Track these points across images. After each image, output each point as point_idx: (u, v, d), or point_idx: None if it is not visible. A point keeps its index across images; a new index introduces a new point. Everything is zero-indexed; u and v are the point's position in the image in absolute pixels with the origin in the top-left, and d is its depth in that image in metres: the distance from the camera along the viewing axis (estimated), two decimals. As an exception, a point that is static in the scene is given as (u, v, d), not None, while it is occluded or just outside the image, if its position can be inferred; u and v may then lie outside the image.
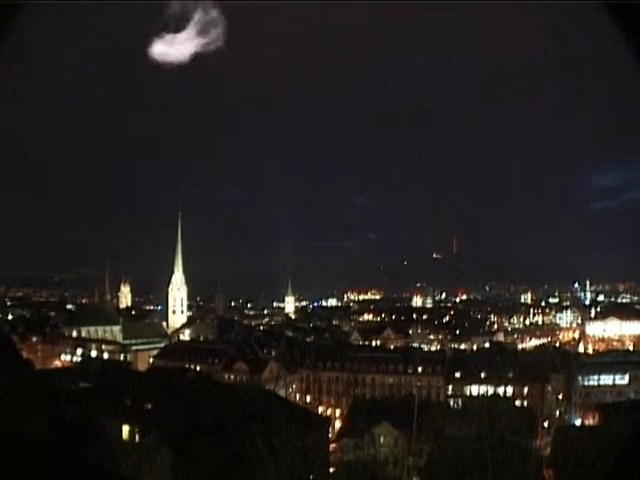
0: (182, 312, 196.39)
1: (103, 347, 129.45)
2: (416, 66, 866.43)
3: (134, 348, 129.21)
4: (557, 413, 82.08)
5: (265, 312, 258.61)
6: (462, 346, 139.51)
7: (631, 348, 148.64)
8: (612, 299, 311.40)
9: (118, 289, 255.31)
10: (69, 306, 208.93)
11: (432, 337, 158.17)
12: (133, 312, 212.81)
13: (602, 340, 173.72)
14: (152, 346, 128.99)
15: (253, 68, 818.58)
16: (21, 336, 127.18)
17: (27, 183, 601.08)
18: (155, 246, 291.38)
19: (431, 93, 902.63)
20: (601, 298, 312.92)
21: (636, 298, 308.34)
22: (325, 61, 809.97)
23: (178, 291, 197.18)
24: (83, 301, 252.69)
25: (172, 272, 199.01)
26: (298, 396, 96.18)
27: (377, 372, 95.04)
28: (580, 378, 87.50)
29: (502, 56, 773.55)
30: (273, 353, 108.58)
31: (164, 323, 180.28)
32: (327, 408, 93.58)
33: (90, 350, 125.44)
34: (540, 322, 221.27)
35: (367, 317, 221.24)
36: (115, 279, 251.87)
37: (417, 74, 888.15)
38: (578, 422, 77.50)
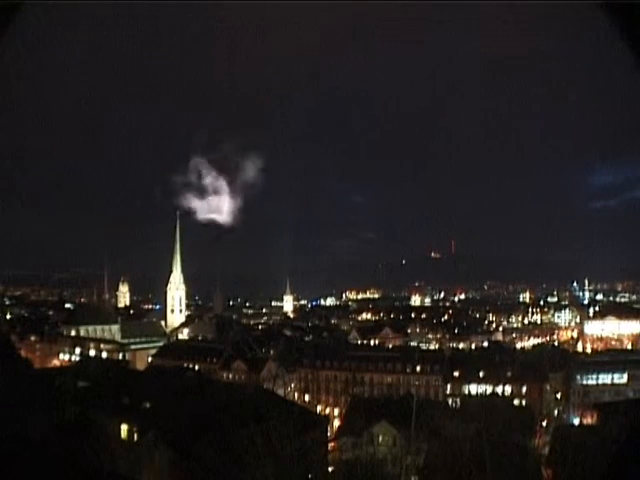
0: (180, 311, 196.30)
1: (102, 346, 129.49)
2: (416, 65, 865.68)
3: (132, 347, 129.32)
4: (555, 412, 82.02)
5: (264, 311, 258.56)
6: (461, 345, 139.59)
7: (629, 347, 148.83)
8: (611, 298, 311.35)
9: (116, 288, 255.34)
10: (68, 305, 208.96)
11: (431, 336, 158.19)
12: (131, 311, 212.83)
13: (600, 339, 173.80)
14: (150, 345, 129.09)
15: (252, 64, 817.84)
16: (20, 335, 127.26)
17: (26, 182, 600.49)
18: (154, 245, 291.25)
19: (431, 92, 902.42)
20: (599, 297, 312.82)
21: (634, 297, 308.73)
22: (325, 59, 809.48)
23: (176, 290, 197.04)
24: (82, 300, 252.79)
25: (170, 271, 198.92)
26: (297, 395, 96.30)
27: (376, 371, 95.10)
28: (578, 377, 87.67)
29: (501, 55, 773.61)
30: (272, 352, 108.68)
31: (162, 322, 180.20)
32: (326, 407, 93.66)
33: (89, 349, 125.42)
34: (538, 321, 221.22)
35: (366, 316, 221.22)
36: (114, 278, 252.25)
37: (417, 73, 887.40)
38: (576, 421, 77.61)
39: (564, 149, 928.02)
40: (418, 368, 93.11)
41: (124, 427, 54.87)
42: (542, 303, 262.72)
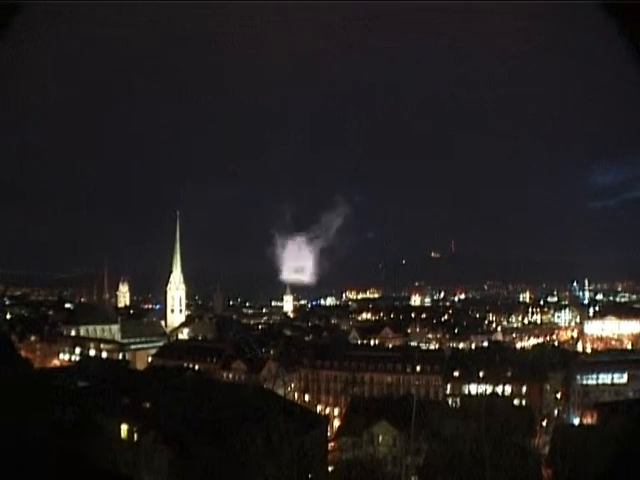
0: (180, 311, 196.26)
1: (102, 346, 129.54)
2: (416, 65, 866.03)
3: (133, 347, 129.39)
4: (555, 412, 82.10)
5: (264, 311, 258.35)
6: (461, 345, 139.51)
7: (629, 347, 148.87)
8: (610, 298, 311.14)
9: (117, 288, 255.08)
10: (68, 305, 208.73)
11: (431, 336, 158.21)
12: (132, 311, 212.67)
13: (600, 339, 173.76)
14: (151, 345, 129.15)
15: (250, 66, 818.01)
16: (20, 335, 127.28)
17: (26, 182, 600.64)
18: (154, 245, 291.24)
19: (430, 93, 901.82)
20: (599, 297, 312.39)
21: (634, 297, 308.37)
22: (324, 60, 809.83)
23: (176, 290, 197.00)
24: (82, 300, 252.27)
25: (170, 271, 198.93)
26: (297, 395, 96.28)
27: (376, 371, 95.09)
28: (578, 377, 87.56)
29: (501, 56, 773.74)
30: (272, 352, 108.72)
31: (162, 322, 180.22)
32: (326, 407, 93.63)
33: (89, 349, 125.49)
34: (538, 321, 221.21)
35: (366, 316, 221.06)
36: (114, 278, 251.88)
37: (417, 73, 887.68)
38: (576, 421, 77.58)
39: (564, 149, 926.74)
40: (418, 368, 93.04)
41: (124, 427, 54.88)
42: (542, 303, 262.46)
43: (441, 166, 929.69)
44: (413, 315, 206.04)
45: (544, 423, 67.23)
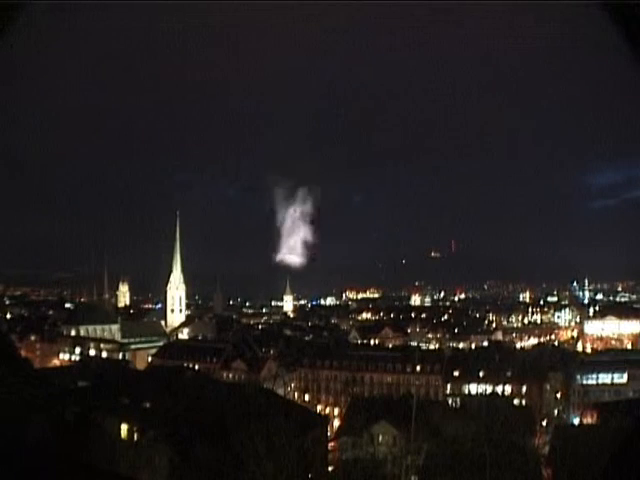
0: (180, 311, 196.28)
1: (102, 346, 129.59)
2: (415, 66, 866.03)
3: (133, 347, 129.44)
4: (555, 412, 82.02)
5: (264, 311, 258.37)
6: (460, 345, 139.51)
7: (629, 347, 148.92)
8: (610, 298, 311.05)
9: (117, 288, 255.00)
10: (68, 305, 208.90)
11: (430, 336, 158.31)
12: (132, 311, 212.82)
13: (600, 339, 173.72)
14: (151, 345, 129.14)
15: (250, 65, 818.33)
16: (20, 335, 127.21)
17: (26, 182, 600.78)
18: (154, 245, 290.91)
19: (430, 93, 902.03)
20: (599, 297, 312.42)
21: (634, 297, 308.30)
22: (324, 60, 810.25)
23: (177, 290, 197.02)
24: (82, 300, 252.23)
25: (171, 271, 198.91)
26: (296, 395, 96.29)
27: (375, 371, 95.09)
28: (578, 377, 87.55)
29: (500, 56, 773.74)
30: (272, 352, 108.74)
31: (162, 322, 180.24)
32: (326, 407, 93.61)
33: (89, 349, 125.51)
34: (538, 321, 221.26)
35: (366, 316, 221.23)
36: (114, 278, 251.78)
37: (416, 74, 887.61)
38: (576, 421, 77.53)
39: (564, 149, 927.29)
40: (418, 368, 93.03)
41: (124, 427, 54.86)
42: (542, 303, 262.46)
43: (442, 166, 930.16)
44: (413, 315, 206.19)
45: (544, 423, 67.20)
